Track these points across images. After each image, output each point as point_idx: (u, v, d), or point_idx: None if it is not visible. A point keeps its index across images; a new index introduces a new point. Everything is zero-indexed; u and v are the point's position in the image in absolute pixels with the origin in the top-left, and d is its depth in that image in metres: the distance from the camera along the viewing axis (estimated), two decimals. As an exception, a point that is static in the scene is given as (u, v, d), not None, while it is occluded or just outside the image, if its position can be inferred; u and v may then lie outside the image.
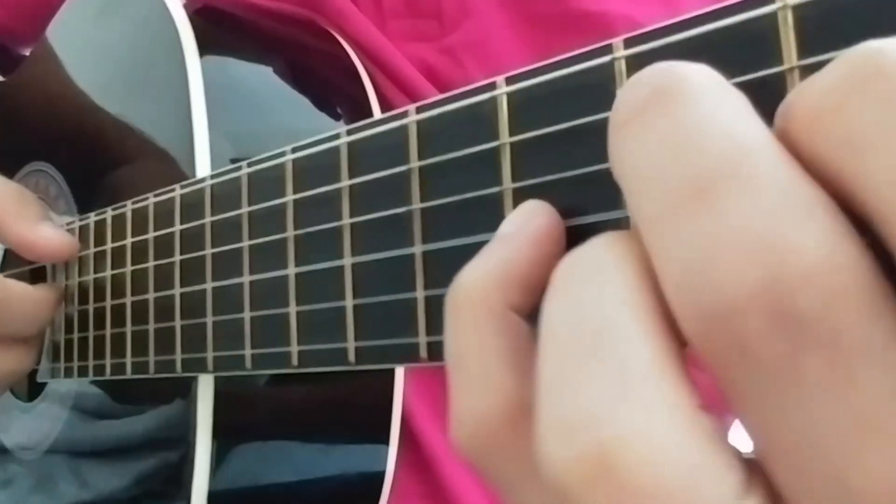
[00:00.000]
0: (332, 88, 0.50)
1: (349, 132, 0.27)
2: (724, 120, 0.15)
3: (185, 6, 0.47)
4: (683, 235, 0.14)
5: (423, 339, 0.24)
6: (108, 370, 0.44)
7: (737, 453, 0.15)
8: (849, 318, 0.13)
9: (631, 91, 0.16)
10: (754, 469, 0.15)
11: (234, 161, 0.40)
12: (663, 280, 0.15)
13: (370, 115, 0.48)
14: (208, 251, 0.35)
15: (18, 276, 0.56)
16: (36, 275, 0.54)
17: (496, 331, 0.18)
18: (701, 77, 0.15)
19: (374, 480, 0.46)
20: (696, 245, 0.14)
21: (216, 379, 0.41)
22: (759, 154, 0.14)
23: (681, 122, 0.15)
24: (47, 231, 0.47)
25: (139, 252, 0.41)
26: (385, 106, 0.49)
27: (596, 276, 0.16)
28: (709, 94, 0.15)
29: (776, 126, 0.15)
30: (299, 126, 0.47)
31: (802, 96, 0.14)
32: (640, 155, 0.15)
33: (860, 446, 0.13)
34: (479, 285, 0.19)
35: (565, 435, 0.15)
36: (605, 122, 0.19)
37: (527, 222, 0.20)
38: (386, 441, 0.46)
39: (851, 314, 0.13)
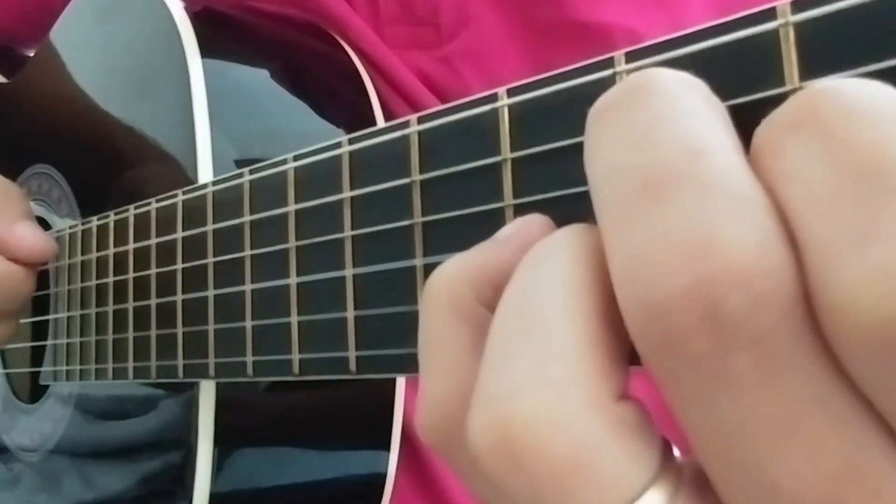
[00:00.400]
0: (335, 93, 0.50)
1: (351, 141, 0.27)
2: (684, 121, 0.15)
3: (186, 8, 0.47)
4: (631, 230, 0.15)
5: (424, 350, 0.24)
6: (110, 374, 0.44)
7: (655, 444, 0.16)
8: (774, 322, 0.13)
9: (609, 90, 0.16)
10: (677, 466, 0.16)
11: (236, 165, 0.40)
12: (612, 273, 0.15)
13: (373, 120, 0.48)
14: (210, 259, 0.35)
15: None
16: (38, 278, 0.55)
17: (458, 320, 0.19)
18: (672, 79, 0.16)
19: (375, 485, 0.46)
20: (640, 240, 0.14)
21: (218, 382, 0.41)
22: (711, 157, 0.14)
23: (642, 118, 0.15)
24: (24, 231, 0.47)
25: (141, 257, 0.41)
26: (386, 112, 0.49)
27: (545, 262, 0.17)
28: (675, 95, 0.15)
29: None
30: (302, 130, 0.47)
31: (761, 125, 0.15)
32: (602, 148, 0.16)
33: (780, 445, 0.14)
34: (447, 277, 0.19)
35: (484, 406, 0.16)
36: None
37: (520, 230, 0.20)
38: (387, 446, 0.46)
39: (777, 318, 0.13)
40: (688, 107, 0.15)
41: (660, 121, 0.15)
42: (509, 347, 0.16)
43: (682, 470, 0.16)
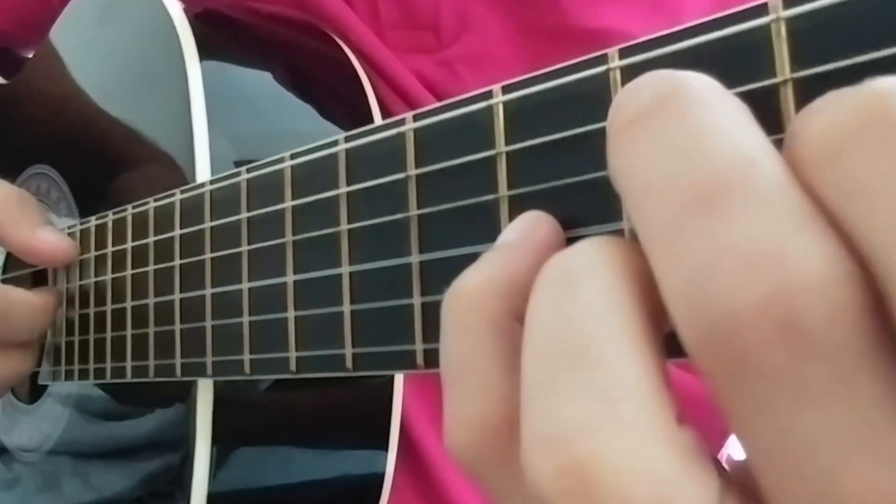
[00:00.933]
0: (333, 93, 0.50)
1: (347, 139, 0.28)
2: (728, 128, 0.15)
3: (185, 10, 0.48)
4: (688, 243, 0.14)
5: (419, 346, 0.25)
6: (108, 373, 0.44)
7: (712, 464, 0.16)
8: (851, 332, 0.13)
9: (632, 96, 0.16)
10: (730, 478, 0.16)
11: (234, 166, 0.41)
12: (664, 288, 0.15)
13: (371, 120, 0.48)
14: (207, 256, 0.35)
15: (20, 280, 0.56)
16: (37, 278, 0.55)
17: (495, 337, 0.18)
18: (703, 84, 0.16)
19: (373, 485, 0.46)
20: (701, 254, 0.14)
21: (216, 382, 0.41)
22: (764, 164, 0.14)
23: (686, 128, 0.15)
24: (48, 235, 0.48)
25: (139, 256, 0.41)
26: (385, 114, 0.49)
27: (579, 281, 0.16)
28: (712, 101, 0.15)
29: (786, 144, 0.15)
30: (300, 130, 0.47)
31: (809, 130, 0.14)
32: (642, 160, 0.15)
33: (855, 458, 0.13)
34: (480, 291, 0.19)
35: (547, 448, 0.15)
36: (599, 131, 0.20)
37: (529, 232, 0.20)
38: (385, 446, 0.46)
39: (854, 327, 0.13)
40: (725, 113, 0.15)
41: (702, 129, 0.15)
42: (559, 379, 0.16)
43: (739, 485, 0.16)
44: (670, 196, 0.15)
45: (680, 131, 0.15)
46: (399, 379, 0.46)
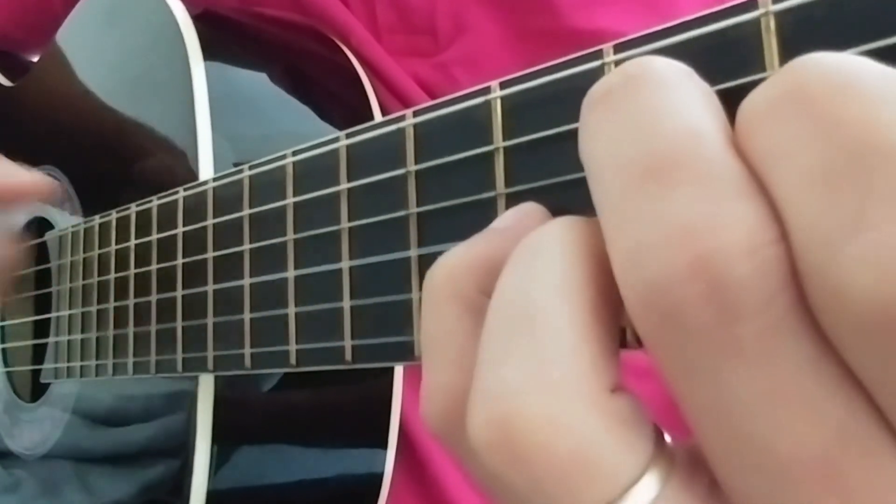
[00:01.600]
0: (335, 96, 0.50)
1: (348, 135, 0.28)
2: (681, 106, 0.15)
3: (188, 11, 0.48)
4: (633, 215, 0.15)
5: (417, 337, 0.25)
6: (110, 370, 0.44)
7: (648, 432, 0.16)
8: (777, 291, 0.14)
9: (602, 79, 0.17)
10: (671, 451, 0.16)
11: (236, 165, 0.41)
12: (612, 260, 0.16)
13: (372, 120, 0.49)
14: (210, 254, 0.36)
15: (23, 279, 0.57)
16: (39, 277, 0.55)
17: (463, 310, 0.19)
18: (665, 67, 0.16)
19: (372, 485, 0.46)
20: (643, 224, 0.15)
21: (216, 383, 0.41)
22: (710, 139, 0.15)
23: (640, 106, 0.16)
24: (25, 174, 0.49)
25: (142, 254, 0.41)
26: (385, 115, 0.49)
27: (539, 257, 0.17)
28: (671, 81, 0.16)
29: None
30: (301, 131, 0.48)
31: (743, 103, 0.15)
32: (600, 136, 0.16)
33: (787, 418, 0.14)
34: (452, 268, 0.20)
35: (482, 404, 0.16)
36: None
37: (518, 221, 0.21)
38: (384, 446, 0.46)
39: (780, 286, 0.14)
40: (683, 94, 0.16)
41: (658, 108, 0.15)
42: (505, 343, 0.17)
43: (674, 454, 0.16)
44: (622, 170, 0.15)
45: (636, 109, 0.16)
46: (398, 379, 0.46)
